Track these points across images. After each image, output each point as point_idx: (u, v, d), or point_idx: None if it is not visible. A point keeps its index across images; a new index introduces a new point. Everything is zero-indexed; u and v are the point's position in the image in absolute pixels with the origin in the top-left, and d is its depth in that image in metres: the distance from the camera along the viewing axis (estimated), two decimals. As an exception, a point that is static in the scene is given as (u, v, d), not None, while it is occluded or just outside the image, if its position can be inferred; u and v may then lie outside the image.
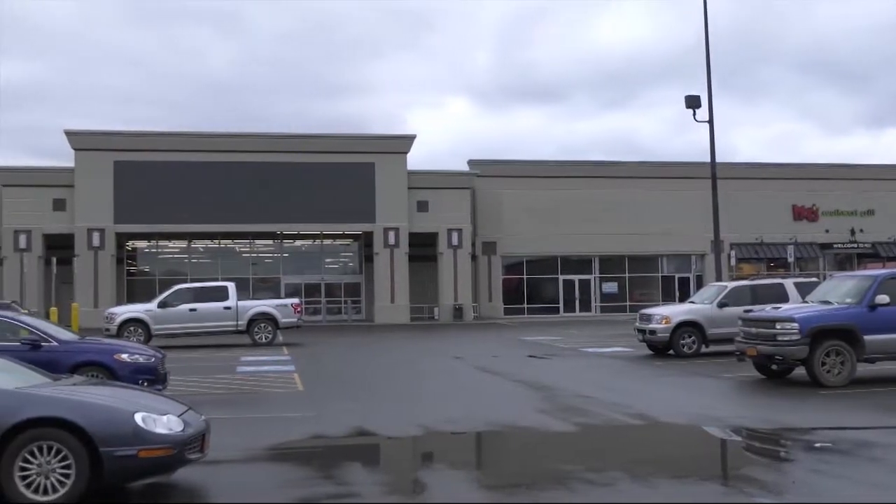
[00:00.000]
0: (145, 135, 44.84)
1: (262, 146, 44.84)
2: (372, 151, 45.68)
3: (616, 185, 50.12)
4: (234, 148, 44.49)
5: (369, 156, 45.58)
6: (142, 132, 45.11)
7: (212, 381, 17.72)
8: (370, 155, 45.59)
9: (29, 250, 42.85)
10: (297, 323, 29.57)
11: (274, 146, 44.90)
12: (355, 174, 45.22)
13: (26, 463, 7.24)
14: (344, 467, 9.48)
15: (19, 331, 13.84)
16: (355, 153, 45.50)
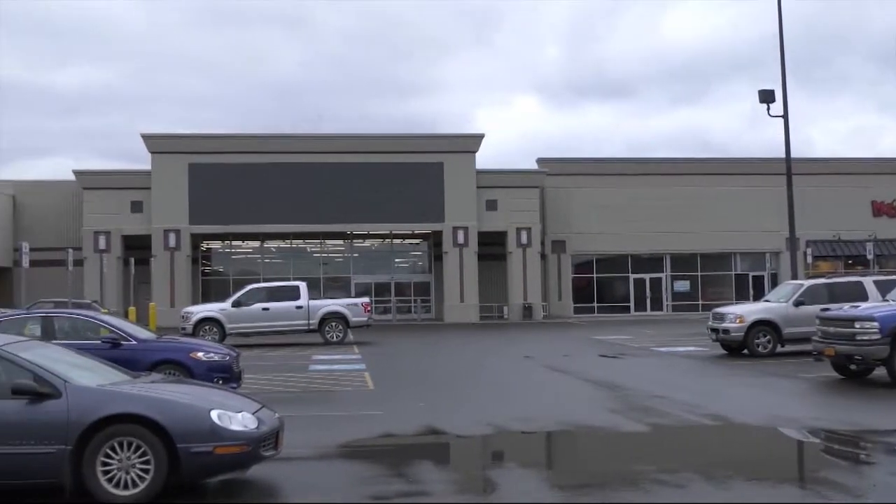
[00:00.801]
0: (218, 137, 45.69)
1: (333, 147, 45.31)
2: (441, 151, 45.80)
3: (688, 182, 49.40)
4: (305, 149, 45.05)
5: (438, 155, 45.71)
6: (215, 135, 45.99)
7: (284, 379, 17.97)
8: (439, 154, 45.71)
9: (108, 251, 44.02)
10: (367, 322, 29.81)
11: (344, 147, 45.33)
12: (424, 174, 45.40)
13: (108, 458, 7.44)
14: (414, 465, 9.53)
15: (100, 330, 14.24)
16: (424, 153, 45.66)
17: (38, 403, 7.48)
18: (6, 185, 47.57)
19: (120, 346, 13.67)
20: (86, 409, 7.49)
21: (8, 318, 14.82)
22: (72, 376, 7.85)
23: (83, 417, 7.44)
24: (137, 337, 14.32)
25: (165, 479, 7.50)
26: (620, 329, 34.84)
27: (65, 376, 7.76)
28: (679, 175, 49.66)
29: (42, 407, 7.48)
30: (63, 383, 7.63)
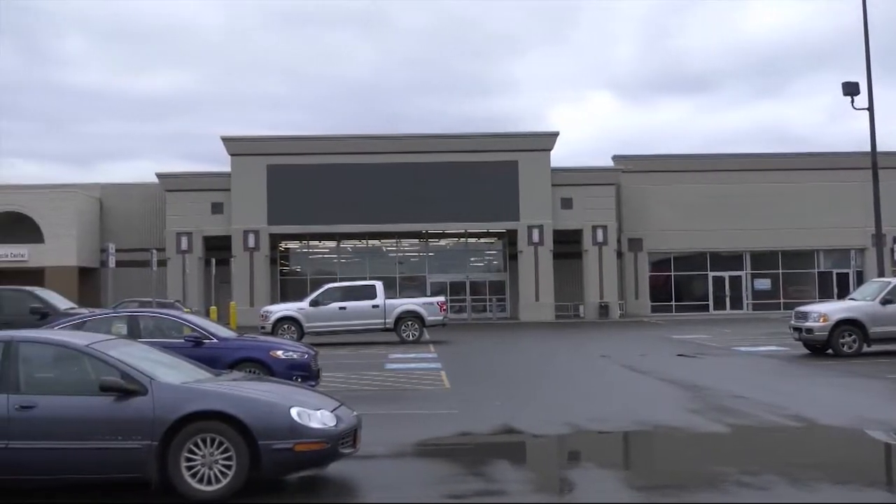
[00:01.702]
0: (296, 139, 46.38)
1: (408, 147, 45.59)
2: (515, 150, 45.70)
3: (768, 177, 48.36)
4: (380, 149, 45.42)
5: (513, 154, 45.61)
6: (292, 136, 46.69)
7: (361, 378, 18.15)
8: (514, 153, 45.62)
9: (190, 252, 45.06)
10: (442, 321, 29.91)
11: (419, 146, 45.56)
12: (499, 172, 45.35)
13: (191, 454, 7.62)
14: (491, 464, 9.53)
15: (183, 328, 14.58)
16: (499, 151, 45.62)
17: (125, 400, 7.70)
18: (93, 188, 49.08)
19: (202, 345, 13.98)
20: (170, 405, 7.68)
21: (96, 317, 15.28)
22: (157, 374, 8.05)
23: (168, 414, 7.63)
24: (219, 336, 14.61)
25: (247, 475, 7.64)
26: (699, 328, 34.29)
27: (150, 374, 7.97)
28: (759, 171, 48.67)
29: (129, 404, 7.69)
30: (149, 381, 7.84)
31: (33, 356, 8.17)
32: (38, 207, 45.34)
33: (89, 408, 7.72)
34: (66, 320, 15.41)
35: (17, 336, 8.34)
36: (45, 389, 7.91)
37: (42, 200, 45.63)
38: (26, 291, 21.21)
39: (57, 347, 8.37)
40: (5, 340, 8.15)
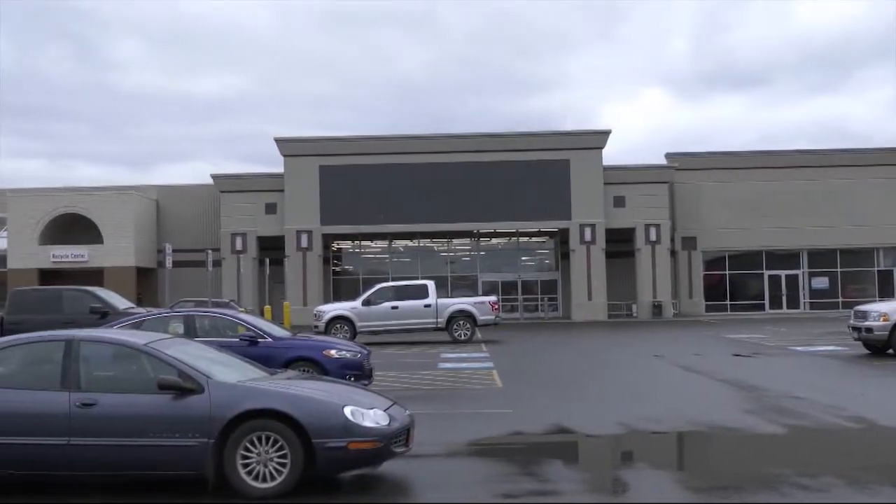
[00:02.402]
0: (347, 139, 46.70)
1: (459, 146, 45.63)
2: (567, 148, 45.49)
3: (825, 174, 47.48)
4: (432, 149, 45.52)
5: (564, 152, 45.42)
6: (344, 137, 47.03)
7: (413, 377, 18.22)
8: (565, 152, 45.42)
9: (244, 252, 45.64)
10: (494, 320, 29.88)
11: (470, 146, 45.57)
12: (550, 171, 45.20)
13: (247, 452, 7.72)
14: (544, 464, 9.51)
15: (238, 328, 14.79)
16: (550, 150, 45.46)
17: (182, 398, 7.83)
18: (150, 190, 49.97)
19: (257, 344, 14.14)
20: (226, 404, 7.79)
21: (153, 316, 15.55)
22: (213, 372, 8.17)
23: (224, 412, 7.74)
24: (273, 335, 14.77)
25: (301, 472, 7.72)
26: (755, 327, 33.80)
27: (207, 372, 8.09)
28: (816, 167, 47.77)
29: (186, 402, 7.82)
30: (205, 379, 7.96)
31: (94, 355, 8.34)
32: (97, 209, 46.28)
33: (148, 405, 7.86)
34: (124, 320, 15.72)
35: (79, 335, 8.52)
36: (105, 387, 8.06)
37: (101, 202, 46.57)
38: (87, 291, 21.66)
39: (116, 346, 8.55)
40: (67, 339, 8.34)
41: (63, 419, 7.80)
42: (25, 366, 8.41)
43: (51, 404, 7.88)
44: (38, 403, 7.91)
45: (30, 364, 8.41)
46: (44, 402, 7.91)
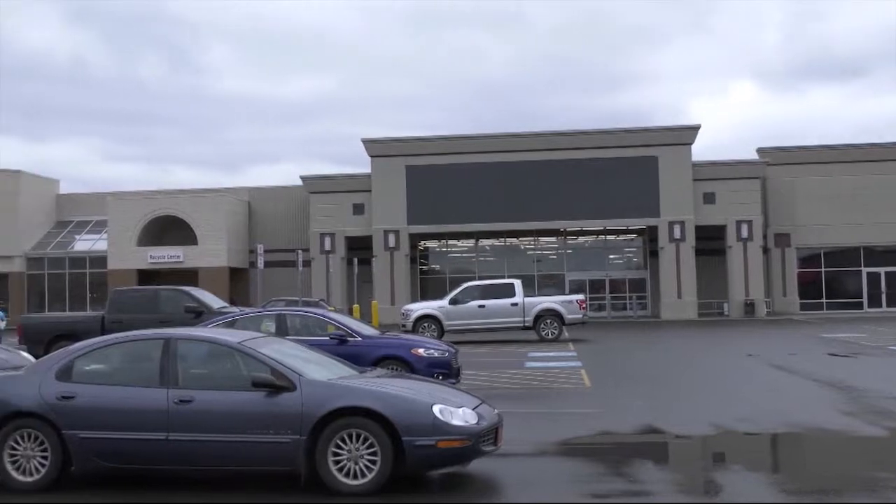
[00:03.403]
0: (434, 139, 46.94)
1: (545, 144, 45.42)
2: (655, 144, 44.87)
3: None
4: (517, 147, 45.43)
5: (652, 149, 44.81)
6: (430, 137, 47.27)
7: (501, 376, 18.21)
8: (653, 148, 44.82)
9: (333, 252, 46.30)
10: (582, 319, 29.66)
11: (556, 144, 45.33)
12: (638, 168, 44.65)
13: (338, 449, 7.83)
14: (634, 464, 9.40)
15: (328, 327, 15.00)
16: (637, 147, 44.92)
17: (275, 396, 7.99)
18: (242, 192, 51.13)
19: (346, 343, 14.33)
20: (318, 401, 7.92)
21: (246, 315, 15.88)
22: (305, 371, 8.32)
23: (316, 410, 7.87)
24: (362, 333, 14.94)
25: (391, 470, 7.79)
26: (852, 326, 32.76)
27: (299, 370, 8.24)
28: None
29: (279, 399, 7.98)
30: (297, 377, 8.11)
31: (190, 353, 8.60)
32: (192, 211, 47.55)
33: (242, 402, 8.05)
34: (218, 319, 16.10)
35: (175, 334, 8.78)
36: (201, 384, 8.29)
37: (195, 204, 47.84)
38: (182, 291, 22.21)
39: (211, 344, 8.78)
40: (164, 338, 8.61)
41: (162, 415, 8.06)
42: (126, 363, 8.72)
43: (150, 401, 8.15)
44: (139, 400, 8.19)
45: (130, 362, 8.72)
46: (144, 398, 8.18)
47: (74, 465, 8.29)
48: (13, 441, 8.24)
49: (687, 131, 45.50)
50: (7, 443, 8.23)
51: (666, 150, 44.75)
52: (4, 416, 8.27)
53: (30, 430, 8.23)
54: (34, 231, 51.02)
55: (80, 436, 8.12)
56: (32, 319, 22.83)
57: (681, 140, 44.95)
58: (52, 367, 8.54)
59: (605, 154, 44.85)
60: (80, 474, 8.47)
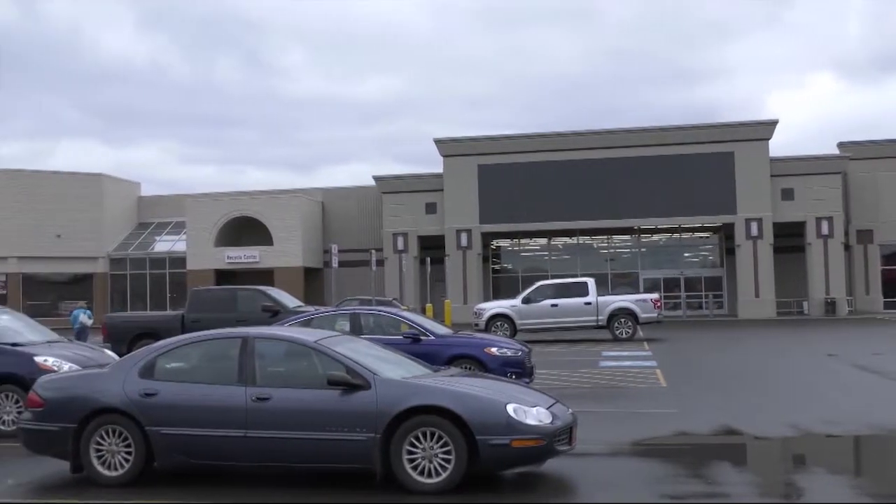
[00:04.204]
0: (505, 138, 46.87)
1: (617, 141, 45.00)
2: (731, 140, 44.10)
3: None
4: (589, 145, 45.09)
5: (728, 144, 44.05)
6: (502, 136, 47.20)
7: (574, 375, 18.09)
8: (729, 144, 44.06)
9: (406, 251, 46.57)
10: (657, 318, 29.31)
11: (629, 141, 44.87)
12: (713, 164, 43.93)
13: (412, 447, 7.88)
14: (712, 466, 9.26)
15: (401, 326, 15.10)
16: (713, 143, 44.20)
17: (350, 394, 8.08)
18: (316, 193, 51.80)
19: (420, 342, 14.40)
20: (392, 400, 7.98)
21: (321, 314, 16.08)
22: (379, 369, 8.39)
23: (390, 408, 7.93)
24: (435, 332, 14.99)
25: (465, 469, 7.80)
26: (940, 325, 31.68)
27: (373, 369, 8.32)
28: None
29: (354, 397, 8.06)
30: (372, 375, 8.18)
31: (267, 351, 8.74)
32: (267, 212, 48.33)
33: (317, 400, 8.15)
34: (294, 318, 16.31)
35: (253, 332, 8.94)
36: (278, 382, 8.43)
37: (270, 205, 48.62)
38: (259, 291, 22.56)
39: (288, 343, 8.92)
40: (243, 336, 8.77)
41: (240, 412, 8.21)
42: (205, 361, 8.91)
43: (229, 398, 8.32)
44: (218, 397, 8.36)
45: (209, 360, 8.91)
46: (223, 395, 8.36)
47: (157, 461, 8.50)
48: (99, 437, 8.49)
49: (764, 126, 44.60)
50: (93, 438, 8.49)
51: (742, 145, 43.95)
52: (91, 412, 8.52)
53: (114, 426, 8.47)
54: (117, 232, 52.47)
55: (162, 432, 8.33)
56: (115, 318, 23.48)
57: (758, 135, 44.09)
58: (135, 365, 8.77)
59: (680, 150, 44.22)
60: (163, 470, 8.69)
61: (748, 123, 45.14)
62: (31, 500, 8.39)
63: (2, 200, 48.71)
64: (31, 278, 49.69)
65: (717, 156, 44.02)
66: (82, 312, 27.89)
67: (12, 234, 48.69)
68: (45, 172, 50.96)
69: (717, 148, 44.10)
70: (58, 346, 12.89)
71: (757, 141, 44.01)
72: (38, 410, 8.74)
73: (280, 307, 21.02)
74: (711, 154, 44.05)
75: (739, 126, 44.93)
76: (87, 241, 50.35)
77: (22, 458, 9.75)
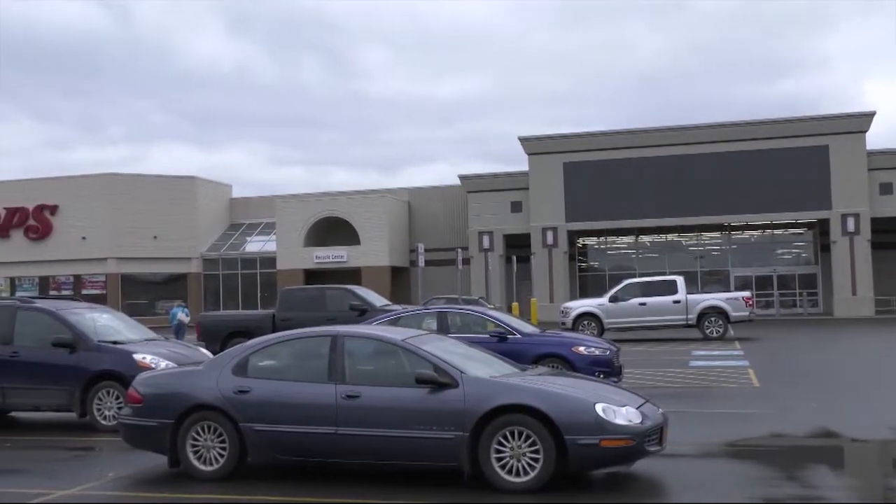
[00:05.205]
0: (590, 135, 46.49)
1: (705, 137, 44.19)
2: (825, 133, 42.85)
3: None
4: (677, 141, 44.39)
5: (822, 138, 42.81)
6: (587, 133, 46.84)
7: (664, 375, 17.85)
8: (823, 137, 42.81)
9: (491, 250, 46.60)
10: (748, 317, 28.70)
11: (718, 136, 44.02)
12: (806, 158, 42.76)
13: (500, 446, 7.88)
14: (807, 468, 9.01)
15: (488, 324, 15.12)
16: (805, 136, 43.03)
17: (437, 392, 8.12)
18: (402, 193, 52.24)
19: (506, 340, 14.39)
20: (480, 398, 7.99)
21: (408, 313, 16.20)
22: (466, 368, 8.42)
23: (478, 406, 7.94)
24: (522, 331, 14.95)
25: (553, 468, 7.77)
26: None
27: (461, 367, 8.35)
28: None
29: (441, 395, 8.10)
30: (459, 374, 8.21)
31: (356, 349, 8.84)
32: (354, 212, 48.95)
33: (405, 398, 8.22)
34: (381, 317, 16.47)
35: (342, 331, 9.06)
36: (367, 380, 8.53)
37: (357, 205, 49.23)
38: (347, 290, 22.86)
39: (377, 342, 9.02)
40: (332, 335, 8.90)
41: (331, 410, 8.34)
42: (296, 359, 9.07)
43: (320, 396, 8.45)
44: (309, 395, 8.50)
45: (300, 358, 9.06)
46: (313, 393, 8.49)
47: (250, 457, 8.70)
48: (195, 432, 8.73)
49: (860, 118, 43.20)
50: (189, 433, 8.73)
51: (838, 138, 42.66)
52: (187, 408, 8.77)
53: (209, 423, 8.69)
54: (209, 233, 53.82)
55: (255, 428, 8.52)
56: (209, 317, 24.10)
57: (854, 128, 42.73)
58: (229, 363, 8.99)
59: (772, 145, 43.18)
60: (255, 465, 8.88)
61: (844, 116, 43.77)
62: (131, 492, 8.68)
63: (100, 204, 50.47)
64: (129, 278, 51.36)
65: (811, 149, 42.82)
66: (180, 311, 28.87)
67: (111, 236, 50.41)
68: (141, 176, 52.60)
69: (811, 141, 42.91)
70: (155, 344, 13.30)
71: (853, 133, 42.66)
72: (137, 406, 9.04)
73: (368, 306, 21.24)
74: (805, 148, 42.88)
75: (834, 118, 43.61)
76: (181, 242, 51.79)
77: (122, 452, 10.11)
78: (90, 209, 50.43)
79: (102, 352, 12.45)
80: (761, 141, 43.38)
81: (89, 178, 51.47)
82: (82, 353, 12.42)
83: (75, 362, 12.36)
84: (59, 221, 51.15)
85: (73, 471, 9.73)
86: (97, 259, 50.65)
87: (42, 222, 51.44)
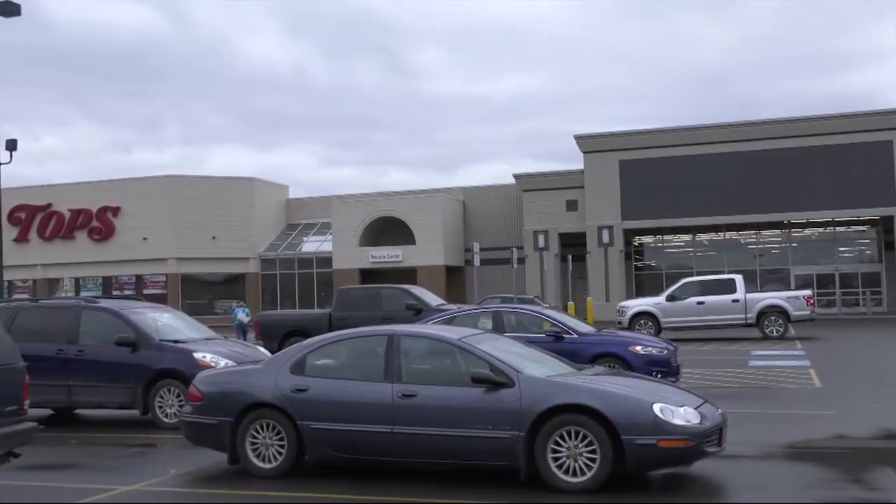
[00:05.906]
0: (646, 133, 46.05)
1: (765, 133, 43.49)
2: (888, 128, 41.86)
3: None
4: (735, 137, 43.76)
5: (885, 133, 41.86)
6: (643, 130, 46.40)
7: (723, 375, 17.62)
8: (886, 132, 41.84)
9: (547, 249, 46.19)
10: (809, 316, 28.19)
11: (777, 132, 43.28)
12: (869, 154, 41.83)
13: (556, 445, 7.85)
14: (872, 471, 8.81)
15: (543, 323, 15.06)
16: (868, 131, 42.08)
17: (493, 392, 8.12)
18: (457, 192, 52.29)
19: (562, 340, 14.33)
20: (536, 398, 7.97)
21: (463, 312, 16.21)
22: (522, 367, 8.40)
23: (534, 406, 7.92)
24: (578, 331, 14.87)
25: (611, 468, 7.72)
26: None
27: (517, 367, 8.33)
28: None
29: (497, 395, 8.10)
30: (515, 373, 8.20)
31: (412, 349, 8.88)
32: (409, 212, 49.14)
33: (461, 398, 8.23)
34: (437, 316, 16.52)
35: (398, 330, 9.11)
36: (423, 379, 8.56)
37: (412, 205, 49.41)
38: (402, 289, 22.97)
39: (433, 341, 9.05)
40: (389, 334, 8.95)
41: (387, 408, 8.38)
42: (353, 358, 9.14)
43: (376, 394, 8.50)
44: (366, 393, 8.56)
45: (357, 357, 9.13)
46: (370, 392, 8.55)
47: (308, 455, 8.79)
48: (254, 430, 8.85)
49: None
50: (248, 431, 8.85)
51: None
52: (246, 406, 8.89)
53: (268, 421, 8.80)
54: (267, 234, 54.48)
55: (313, 426, 8.60)
56: (267, 317, 24.41)
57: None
58: (287, 362, 9.09)
59: (833, 140, 42.32)
60: (313, 463, 8.97)
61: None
62: (192, 488, 8.82)
63: (161, 205, 51.41)
64: (189, 278, 52.21)
65: (874, 145, 41.89)
66: (241, 310, 29.39)
67: (171, 236, 51.32)
68: (201, 177, 53.47)
69: (874, 136, 41.97)
70: (214, 342, 13.51)
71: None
72: (197, 404, 9.19)
73: (423, 305, 21.32)
74: (868, 143, 41.95)
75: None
76: (239, 242, 52.52)
77: (183, 449, 10.28)
78: (151, 210, 51.40)
79: (164, 350, 12.68)
80: (822, 137, 42.55)
81: (150, 180, 52.47)
82: (144, 351, 12.67)
83: (137, 361, 12.62)
84: (122, 222, 52.22)
85: (135, 467, 9.93)
86: (158, 259, 51.60)
87: (105, 223, 52.56)
